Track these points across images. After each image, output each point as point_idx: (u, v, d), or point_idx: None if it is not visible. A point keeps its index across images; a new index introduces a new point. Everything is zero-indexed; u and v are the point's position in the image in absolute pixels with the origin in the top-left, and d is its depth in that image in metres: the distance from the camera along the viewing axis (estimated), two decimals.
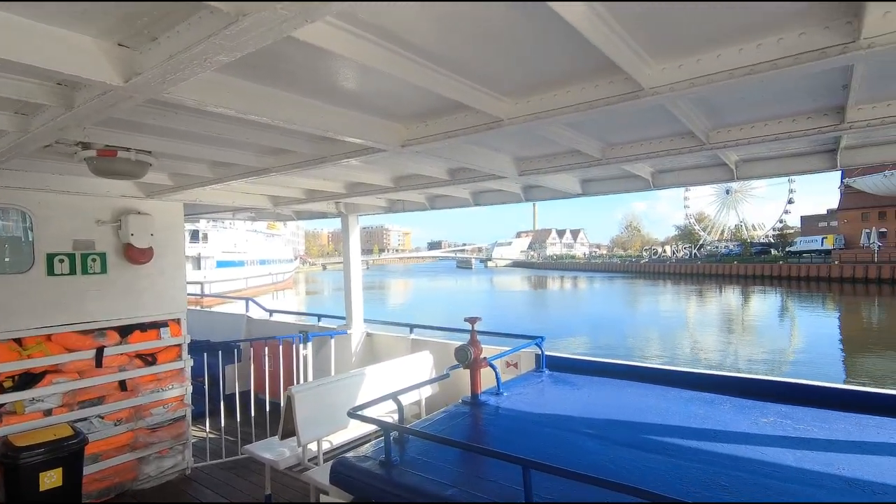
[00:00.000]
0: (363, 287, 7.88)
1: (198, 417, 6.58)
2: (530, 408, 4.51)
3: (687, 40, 2.15)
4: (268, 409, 6.55)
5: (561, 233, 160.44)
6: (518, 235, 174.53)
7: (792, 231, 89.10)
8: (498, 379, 4.96)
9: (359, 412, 3.55)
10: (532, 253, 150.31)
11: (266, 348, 6.79)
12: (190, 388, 5.86)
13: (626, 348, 23.23)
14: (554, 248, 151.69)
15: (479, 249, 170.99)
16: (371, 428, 5.14)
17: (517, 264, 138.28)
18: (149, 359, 5.52)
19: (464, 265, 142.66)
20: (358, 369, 5.67)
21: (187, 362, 5.86)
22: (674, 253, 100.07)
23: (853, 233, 64.66)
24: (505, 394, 4.87)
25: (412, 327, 7.32)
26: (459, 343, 4.87)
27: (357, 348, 7.61)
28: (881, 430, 3.86)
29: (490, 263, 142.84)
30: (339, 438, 5.15)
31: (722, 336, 28.06)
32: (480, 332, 4.93)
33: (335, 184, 5.65)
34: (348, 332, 7.55)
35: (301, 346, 6.85)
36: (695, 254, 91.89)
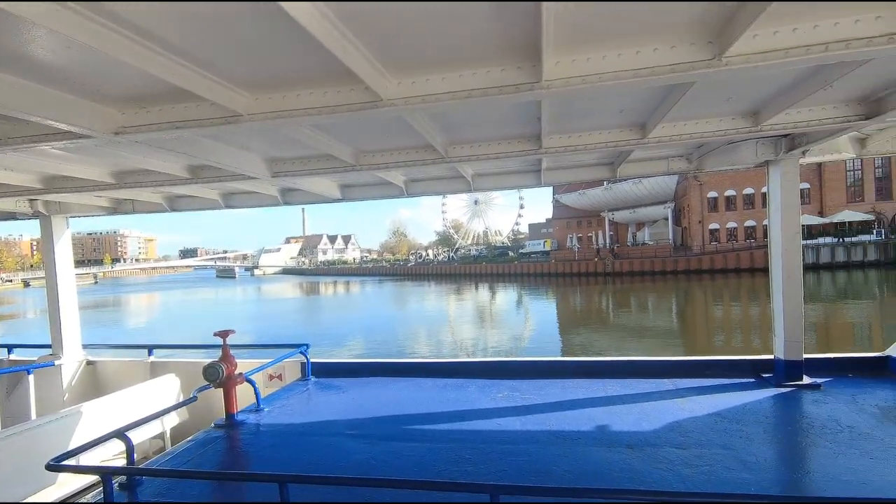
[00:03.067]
0: (88, 306, 6.35)
1: None
2: (294, 419, 4.37)
3: (418, 60, 2.37)
4: None
5: (332, 238, 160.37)
6: (288, 241, 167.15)
7: (523, 236, 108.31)
8: (257, 394, 4.65)
9: (65, 462, 2.84)
10: (303, 259, 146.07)
11: None
12: None
13: (398, 345, 24.51)
14: (326, 254, 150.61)
15: (245, 257, 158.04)
16: (91, 478, 4.19)
17: (288, 271, 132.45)
18: None
19: (225, 274, 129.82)
20: (72, 408, 4.56)
21: None
22: (435, 256, 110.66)
23: (563, 237, 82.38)
24: (266, 409, 4.59)
25: (151, 348, 6.25)
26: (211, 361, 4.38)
27: (72, 382, 6.11)
28: (578, 389, 5.00)
29: (257, 272, 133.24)
30: (48, 497, 4.05)
31: (476, 326, 32.14)
32: (235, 346, 4.51)
33: (26, 176, 4.42)
34: (56, 362, 5.99)
35: None
36: (452, 256, 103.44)
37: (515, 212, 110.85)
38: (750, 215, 58.53)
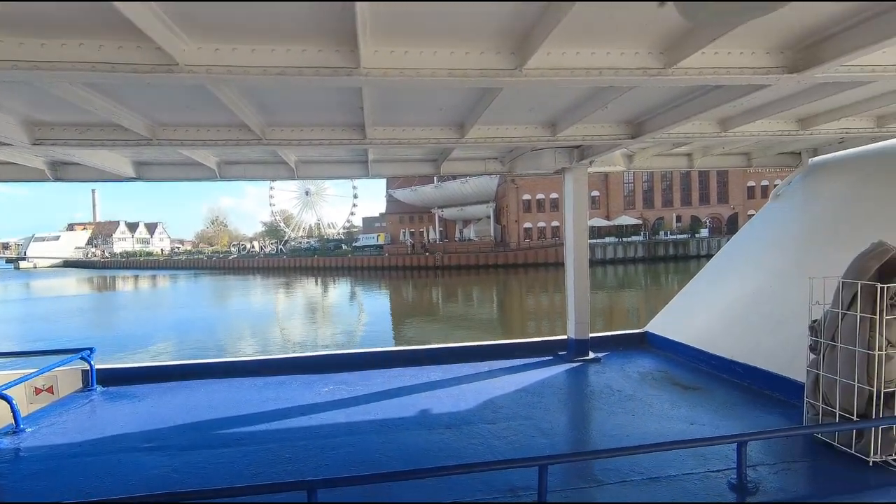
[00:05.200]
0: None
1: None
2: (70, 438, 3.67)
3: (224, 26, 2.12)
4: None
5: (133, 226, 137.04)
6: (71, 228, 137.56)
7: (357, 229, 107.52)
8: (15, 413, 3.76)
9: None
10: (93, 250, 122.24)
11: None
12: None
13: (218, 346, 22.27)
14: (124, 244, 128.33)
15: (5, 246, 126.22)
16: None
17: (71, 264, 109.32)
18: None
19: None
20: None
21: None
22: (262, 248, 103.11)
23: (396, 232, 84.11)
24: (29, 430, 3.76)
25: None
26: None
27: None
28: (403, 378, 5.14)
29: (25, 264, 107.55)
30: None
31: (308, 322, 30.88)
32: None
33: None
34: None
35: None
36: (281, 249, 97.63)
37: (349, 204, 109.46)
38: (556, 217, 67.23)
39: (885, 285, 2.87)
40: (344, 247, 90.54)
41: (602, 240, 62.08)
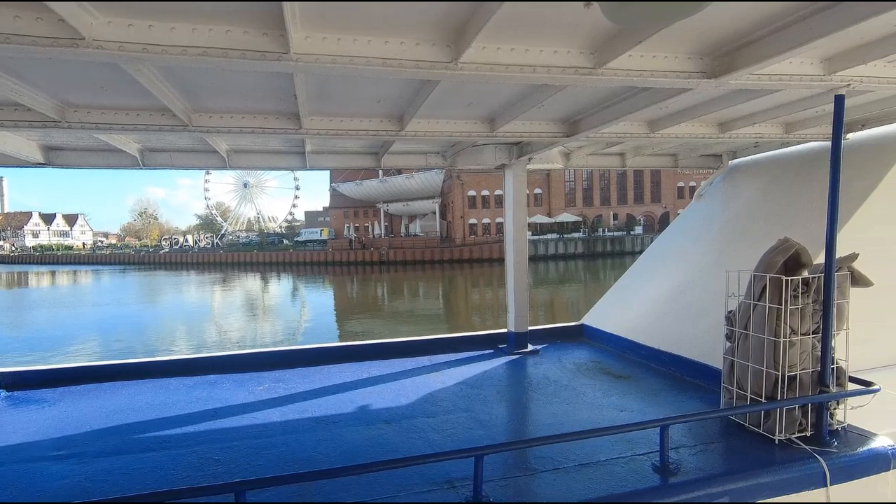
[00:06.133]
0: None
1: None
2: None
3: (137, 3, 1.97)
4: None
5: (49, 217, 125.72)
6: None
7: (299, 223, 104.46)
8: None
9: None
10: (0, 243, 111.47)
11: None
12: None
13: (147, 346, 20.98)
14: (38, 237, 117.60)
15: None
16: None
17: None
18: None
19: None
20: None
21: None
22: (196, 243, 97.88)
23: (340, 227, 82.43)
24: None
25: None
26: None
27: None
28: (343, 373, 5.03)
29: None
30: None
31: (247, 319, 29.70)
32: None
33: None
34: None
35: None
36: (217, 243, 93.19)
37: (291, 198, 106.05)
38: (500, 213, 68.34)
39: (790, 278, 3.12)
40: (285, 241, 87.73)
41: (545, 236, 63.96)
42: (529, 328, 5.94)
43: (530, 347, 5.82)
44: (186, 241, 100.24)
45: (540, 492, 2.80)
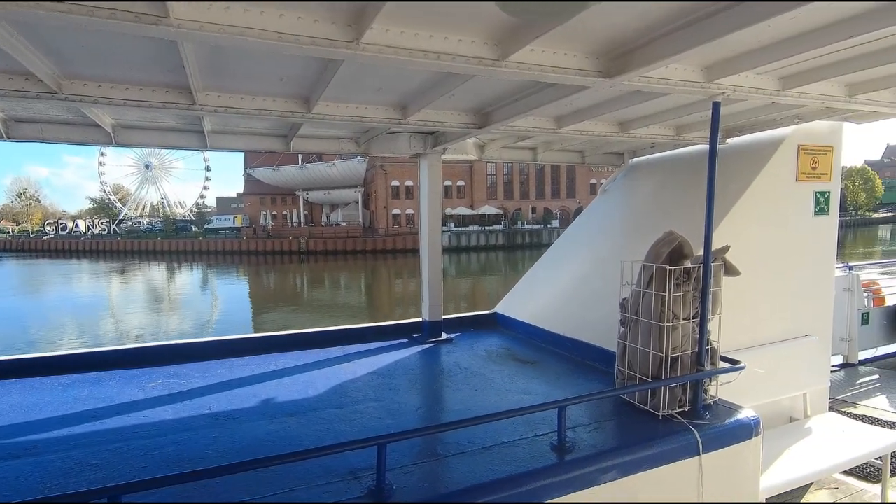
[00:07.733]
0: None
1: None
2: None
3: None
4: None
5: None
6: None
7: (210, 210, 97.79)
8: None
9: None
10: None
11: None
12: None
13: (25, 343, 18.71)
14: None
15: None
16: None
17: None
18: None
19: None
20: None
21: None
22: (89, 228, 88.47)
23: (255, 214, 78.39)
24: None
25: None
26: None
27: None
28: (247, 367, 4.76)
29: None
30: None
31: (150, 312, 27.40)
32: None
33: None
34: None
35: None
36: (114, 229, 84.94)
37: (201, 182, 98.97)
38: None
39: (673, 267, 3.40)
40: (195, 228, 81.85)
41: (467, 228, 65.17)
42: (444, 317, 6.00)
43: (444, 336, 5.88)
44: (77, 226, 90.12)
45: (444, 476, 2.84)
